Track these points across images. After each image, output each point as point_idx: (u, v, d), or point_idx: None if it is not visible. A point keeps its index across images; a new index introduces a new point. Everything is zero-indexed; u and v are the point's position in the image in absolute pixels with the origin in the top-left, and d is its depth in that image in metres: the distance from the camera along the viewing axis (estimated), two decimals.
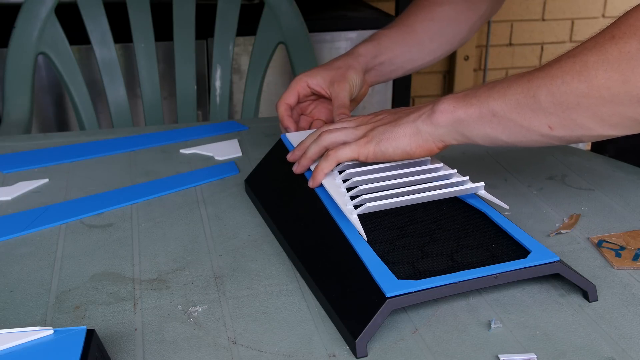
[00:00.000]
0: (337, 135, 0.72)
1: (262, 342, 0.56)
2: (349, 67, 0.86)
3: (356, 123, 0.73)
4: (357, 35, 1.85)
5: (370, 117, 0.73)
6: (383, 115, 0.72)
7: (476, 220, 0.66)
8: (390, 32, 0.92)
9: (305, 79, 0.86)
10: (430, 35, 0.93)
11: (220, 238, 0.72)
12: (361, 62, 0.88)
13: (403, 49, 0.92)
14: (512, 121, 0.62)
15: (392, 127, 0.68)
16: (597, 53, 0.57)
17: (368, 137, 0.69)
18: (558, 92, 0.59)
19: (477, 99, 0.64)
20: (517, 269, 0.59)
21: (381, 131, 0.69)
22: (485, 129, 0.64)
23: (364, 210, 0.64)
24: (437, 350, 0.55)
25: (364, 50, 0.89)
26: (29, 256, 0.69)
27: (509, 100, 0.62)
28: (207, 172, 0.88)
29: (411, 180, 0.68)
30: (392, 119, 0.70)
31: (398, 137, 0.68)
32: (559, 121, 0.60)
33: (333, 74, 0.85)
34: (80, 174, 0.89)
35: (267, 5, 1.41)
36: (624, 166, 0.88)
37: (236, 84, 1.77)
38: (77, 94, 1.35)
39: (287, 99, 0.85)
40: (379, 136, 0.68)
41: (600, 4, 2.68)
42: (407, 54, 0.93)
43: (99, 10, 1.34)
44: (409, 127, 0.67)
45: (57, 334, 0.50)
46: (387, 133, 0.68)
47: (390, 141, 0.68)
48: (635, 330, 0.57)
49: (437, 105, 0.66)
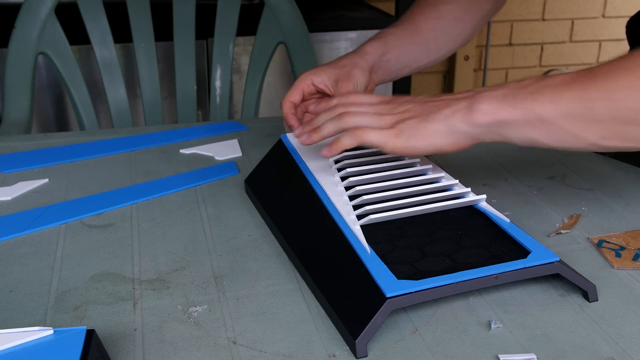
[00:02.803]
0: (359, 120, 0.69)
1: (262, 342, 0.56)
2: (354, 65, 0.86)
3: (377, 109, 0.70)
4: (357, 35, 1.85)
5: (392, 105, 0.70)
6: (410, 106, 0.69)
7: (476, 220, 0.66)
8: (395, 30, 0.92)
9: (310, 77, 0.85)
10: (435, 34, 0.93)
11: (220, 238, 0.72)
12: (368, 61, 0.87)
13: (409, 47, 0.92)
14: (562, 129, 0.61)
15: (424, 123, 0.66)
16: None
17: (396, 129, 0.67)
18: (617, 108, 0.58)
19: (522, 102, 0.62)
20: (517, 269, 0.59)
21: (412, 126, 0.66)
22: (530, 132, 0.63)
23: (367, 221, 0.64)
24: (437, 350, 0.55)
25: (370, 48, 0.88)
26: (29, 256, 0.69)
27: (561, 108, 0.61)
28: (207, 172, 0.88)
29: (414, 191, 0.68)
30: (421, 111, 0.67)
31: (431, 134, 0.66)
32: (612, 134, 0.60)
33: (338, 73, 0.85)
34: (80, 174, 0.89)
35: (267, 5, 1.41)
36: (624, 166, 0.88)
37: (236, 84, 1.77)
38: (77, 94, 1.35)
39: (291, 97, 0.84)
40: (409, 131, 0.66)
41: (600, 4, 2.68)
42: (413, 52, 0.93)
43: (99, 10, 1.34)
44: (442, 124, 0.65)
45: (57, 334, 0.50)
46: (419, 129, 0.66)
47: (421, 138, 0.66)
48: (635, 330, 0.57)
49: (476, 104, 0.64)
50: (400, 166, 0.73)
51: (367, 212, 0.65)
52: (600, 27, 2.71)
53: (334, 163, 0.75)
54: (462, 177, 0.85)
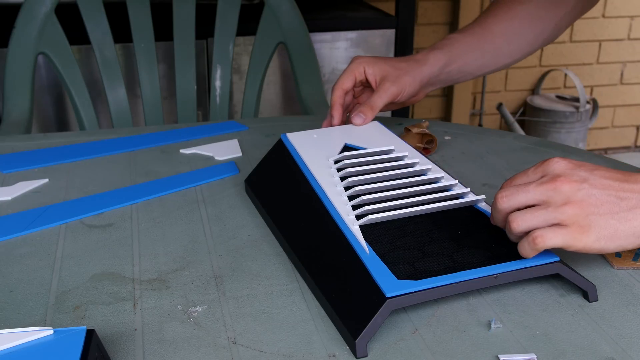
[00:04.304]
0: (530, 219, 0.58)
1: (262, 342, 0.56)
2: (408, 73, 0.83)
3: (546, 196, 0.58)
4: (357, 35, 1.85)
5: (567, 185, 0.58)
6: (591, 191, 0.58)
7: (476, 220, 0.66)
8: (464, 37, 0.88)
9: (364, 65, 0.83)
10: (508, 38, 0.89)
11: (220, 238, 0.72)
12: (424, 72, 0.84)
13: (476, 55, 0.88)
14: None
15: (615, 223, 0.57)
16: None
17: (581, 226, 0.57)
18: None
19: None
20: (517, 269, 0.59)
21: (601, 225, 0.57)
22: None
23: (366, 221, 0.64)
24: (437, 350, 0.55)
25: (433, 59, 0.85)
26: (29, 256, 0.69)
27: None
28: (207, 172, 0.88)
29: (414, 191, 0.68)
30: (608, 204, 0.58)
31: (625, 236, 0.58)
32: None
33: (389, 72, 0.82)
34: (80, 174, 0.89)
35: (267, 5, 1.41)
36: (624, 166, 0.88)
37: (236, 84, 1.77)
38: (77, 94, 1.35)
39: (344, 83, 0.82)
40: (598, 231, 0.57)
41: (600, 4, 2.68)
42: (479, 60, 0.89)
43: (99, 10, 1.34)
44: (638, 228, 0.57)
45: (57, 334, 0.50)
46: (610, 229, 0.57)
47: (613, 240, 0.58)
48: (635, 330, 0.57)
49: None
50: (400, 166, 0.73)
51: (366, 212, 0.65)
52: (600, 27, 2.71)
53: (333, 163, 0.75)
54: (462, 177, 0.85)
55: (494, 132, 1.02)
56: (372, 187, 0.69)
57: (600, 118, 2.88)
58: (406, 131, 0.93)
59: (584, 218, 0.57)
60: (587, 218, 0.57)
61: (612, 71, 2.81)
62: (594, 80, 2.82)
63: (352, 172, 0.72)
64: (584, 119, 2.67)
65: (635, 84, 2.86)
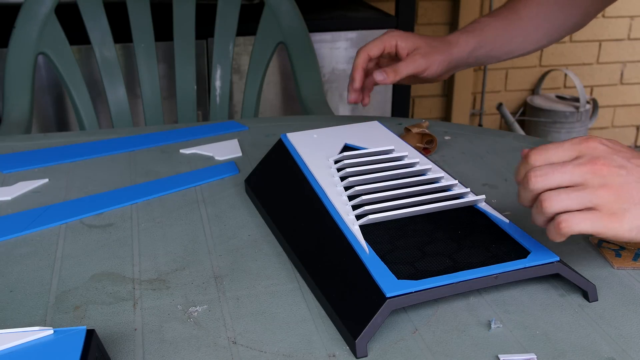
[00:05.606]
0: (564, 199, 0.56)
1: (262, 342, 0.56)
2: (440, 51, 0.83)
3: (583, 178, 0.56)
4: (357, 35, 1.85)
5: (599, 166, 0.56)
6: (626, 178, 0.56)
7: (476, 220, 0.66)
8: (494, 21, 0.88)
9: (397, 38, 0.82)
10: (536, 23, 0.88)
11: (220, 238, 0.72)
12: (454, 55, 0.84)
13: (505, 40, 0.88)
14: None
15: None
16: None
17: (614, 213, 0.55)
18: None
19: None
20: (517, 269, 0.59)
21: (635, 215, 0.55)
22: None
23: (366, 221, 0.64)
24: (437, 350, 0.55)
25: (464, 43, 0.85)
26: (29, 256, 0.69)
27: None
28: (207, 172, 0.88)
29: (414, 191, 0.68)
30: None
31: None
32: None
33: (422, 46, 0.82)
34: (80, 174, 0.89)
35: (267, 5, 1.41)
36: None
37: (236, 84, 1.77)
38: (77, 94, 1.35)
39: (371, 49, 0.82)
40: (631, 220, 0.55)
41: None
42: (508, 46, 0.89)
43: (99, 10, 1.34)
44: None
45: (57, 334, 0.50)
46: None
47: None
48: (635, 330, 0.57)
49: None
50: (400, 166, 0.73)
51: (366, 212, 0.65)
52: (601, 27, 2.71)
53: (333, 163, 0.75)
54: (462, 177, 0.85)
55: (494, 132, 1.02)
56: (372, 187, 0.69)
57: (600, 118, 2.88)
58: (406, 131, 0.93)
59: (619, 205, 0.55)
60: (622, 205, 0.55)
61: (612, 71, 2.81)
62: (594, 80, 2.82)
63: (352, 172, 0.72)
64: (584, 119, 2.67)
65: (635, 84, 2.86)
